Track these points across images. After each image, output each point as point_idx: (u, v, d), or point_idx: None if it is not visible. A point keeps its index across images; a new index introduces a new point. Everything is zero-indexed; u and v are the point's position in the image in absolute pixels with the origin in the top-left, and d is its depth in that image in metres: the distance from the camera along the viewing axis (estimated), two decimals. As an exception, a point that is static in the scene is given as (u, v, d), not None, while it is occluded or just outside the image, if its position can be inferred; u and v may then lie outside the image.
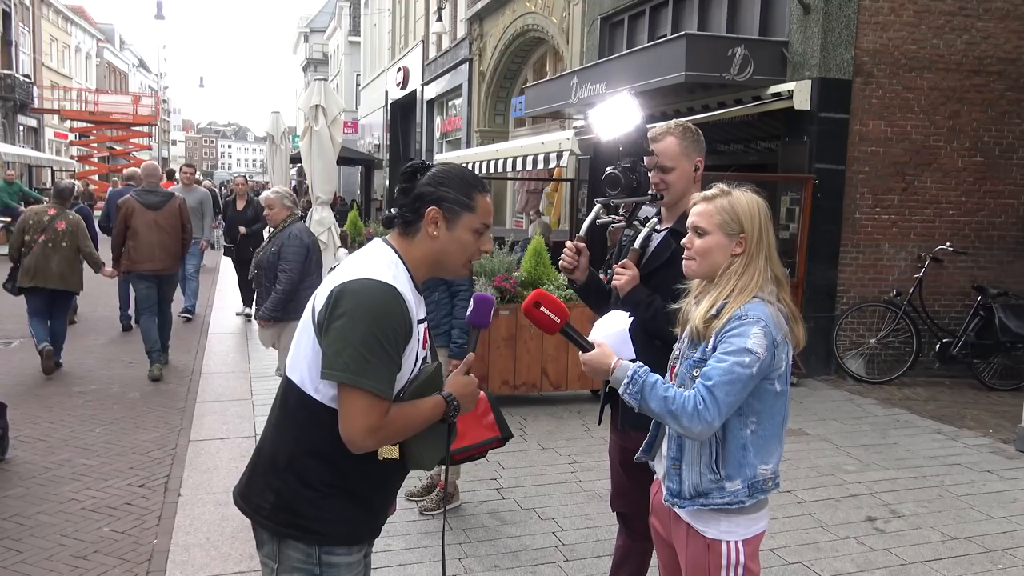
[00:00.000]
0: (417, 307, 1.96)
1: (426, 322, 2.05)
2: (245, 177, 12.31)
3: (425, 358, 2.04)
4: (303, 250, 5.75)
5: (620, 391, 2.15)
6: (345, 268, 1.94)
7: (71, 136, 39.22)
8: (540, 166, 10.66)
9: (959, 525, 4.53)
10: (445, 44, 21.33)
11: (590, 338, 2.31)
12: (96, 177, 33.56)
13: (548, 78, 14.01)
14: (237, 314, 10.43)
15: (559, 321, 2.23)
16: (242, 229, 10.46)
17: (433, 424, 1.98)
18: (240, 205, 10.82)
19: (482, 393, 2.20)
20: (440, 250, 2.00)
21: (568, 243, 2.99)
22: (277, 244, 5.71)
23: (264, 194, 6.17)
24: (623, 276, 2.80)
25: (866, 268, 8.34)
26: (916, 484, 5.18)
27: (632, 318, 2.67)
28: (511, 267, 6.93)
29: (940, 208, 8.40)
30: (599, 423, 3.12)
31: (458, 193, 1.98)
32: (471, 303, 2.12)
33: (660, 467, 2.36)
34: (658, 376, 2.15)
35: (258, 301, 5.74)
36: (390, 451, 1.95)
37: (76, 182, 11.88)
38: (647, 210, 3.03)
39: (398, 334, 1.86)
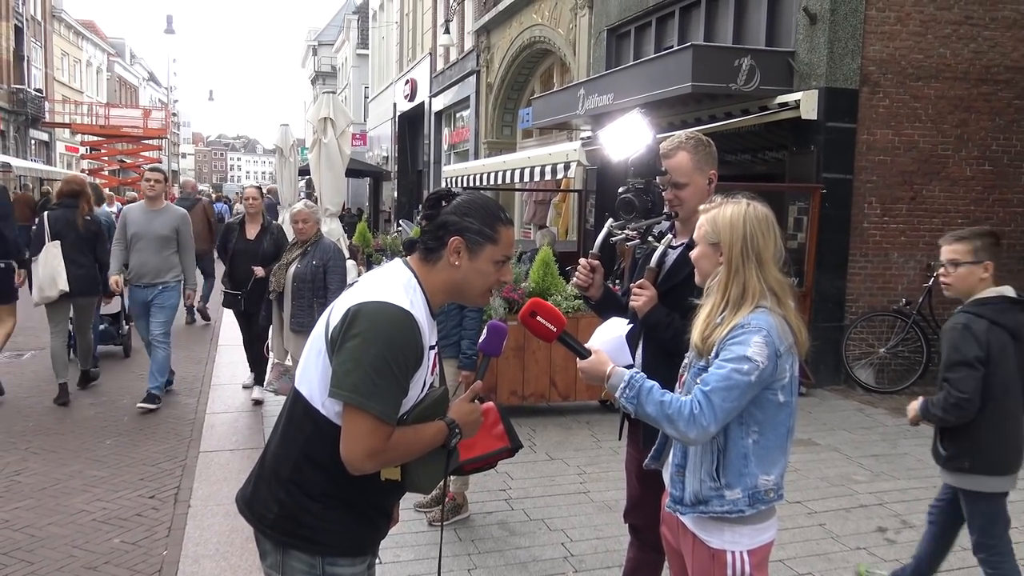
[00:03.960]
0: (430, 333, 1.97)
1: (436, 347, 2.06)
2: (260, 188, 7.75)
3: (432, 383, 2.05)
4: (345, 261, 6.13)
5: (617, 396, 2.17)
6: (363, 287, 1.95)
7: (82, 150, 39.51)
8: (548, 177, 10.70)
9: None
10: (453, 56, 21.43)
11: (587, 345, 2.32)
12: (107, 191, 33.74)
13: (555, 89, 14.07)
14: (245, 386, 7.41)
15: (555, 330, 2.24)
16: (258, 271, 6.77)
17: (434, 449, 1.99)
18: (251, 231, 7.08)
19: (491, 403, 2.21)
20: (461, 279, 2.01)
21: (582, 260, 2.96)
22: (318, 258, 5.83)
23: (296, 208, 6.11)
24: (641, 297, 2.76)
25: (875, 277, 8.32)
26: (927, 494, 5.12)
27: (631, 325, 2.67)
28: (519, 278, 6.94)
29: (949, 217, 8.37)
30: (619, 438, 3.10)
31: (482, 224, 1.99)
32: (484, 330, 2.13)
33: (667, 475, 2.37)
34: (654, 382, 2.16)
35: (294, 313, 5.82)
36: (391, 473, 1.95)
37: (136, 194, 13.42)
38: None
39: (409, 360, 1.87)
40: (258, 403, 6.89)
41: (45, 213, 7.06)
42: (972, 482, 3.20)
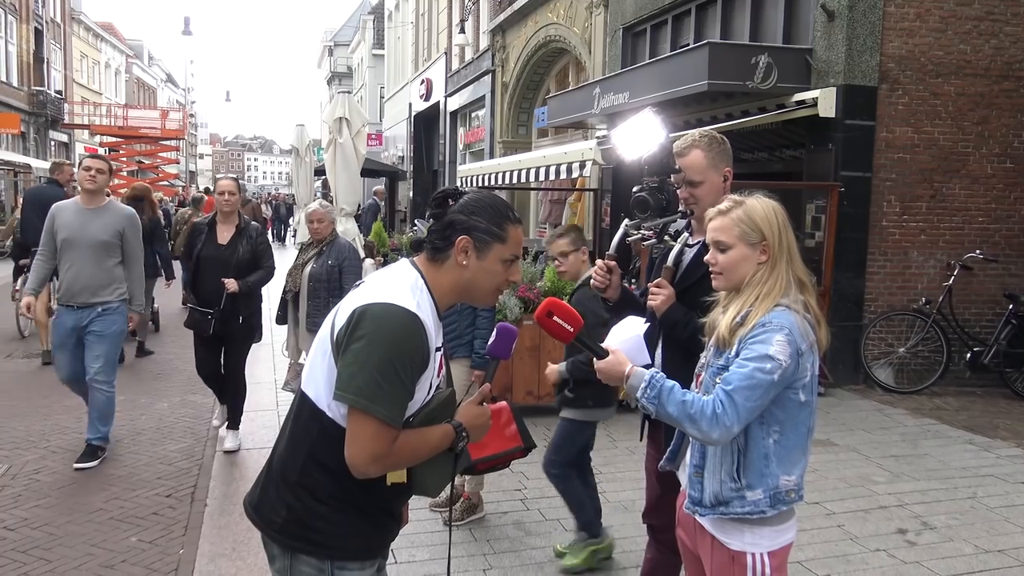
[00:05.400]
0: (436, 335, 1.94)
1: (442, 349, 2.03)
2: (236, 179, 5.95)
3: (438, 386, 2.02)
4: (360, 261, 6.18)
5: (637, 396, 2.14)
6: (369, 288, 1.92)
7: (101, 151, 39.83)
8: (563, 176, 10.66)
9: (992, 538, 4.45)
10: (468, 56, 21.44)
11: (604, 344, 2.29)
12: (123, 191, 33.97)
13: (571, 88, 14.03)
14: (215, 424, 6.17)
15: (572, 330, 2.22)
16: (230, 284, 5.49)
17: (441, 452, 1.96)
18: (224, 235, 5.68)
19: (504, 403, 2.19)
20: (469, 279, 1.98)
21: (599, 261, 2.94)
22: (334, 258, 5.85)
23: (311, 207, 6.12)
24: (659, 296, 2.74)
25: (894, 276, 8.24)
26: (948, 496, 5.09)
27: (648, 324, 2.64)
28: (535, 277, 6.92)
29: (969, 215, 8.28)
30: (641, 439, 3.08)
31: (489, 223, 1.96)
32: (493, 333, 2.10)
33: (684, 476, 2.34)
34: (675, 382, 2.13)
35: (310, 312, 5.84)
36: (397, 476, 1.93)
37: (204, 194, 15.23)
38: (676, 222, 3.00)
39: (415, 363, 1.84)
40: (229, 452, 5.64)
41: None
42: (586, 414, 4.00)
